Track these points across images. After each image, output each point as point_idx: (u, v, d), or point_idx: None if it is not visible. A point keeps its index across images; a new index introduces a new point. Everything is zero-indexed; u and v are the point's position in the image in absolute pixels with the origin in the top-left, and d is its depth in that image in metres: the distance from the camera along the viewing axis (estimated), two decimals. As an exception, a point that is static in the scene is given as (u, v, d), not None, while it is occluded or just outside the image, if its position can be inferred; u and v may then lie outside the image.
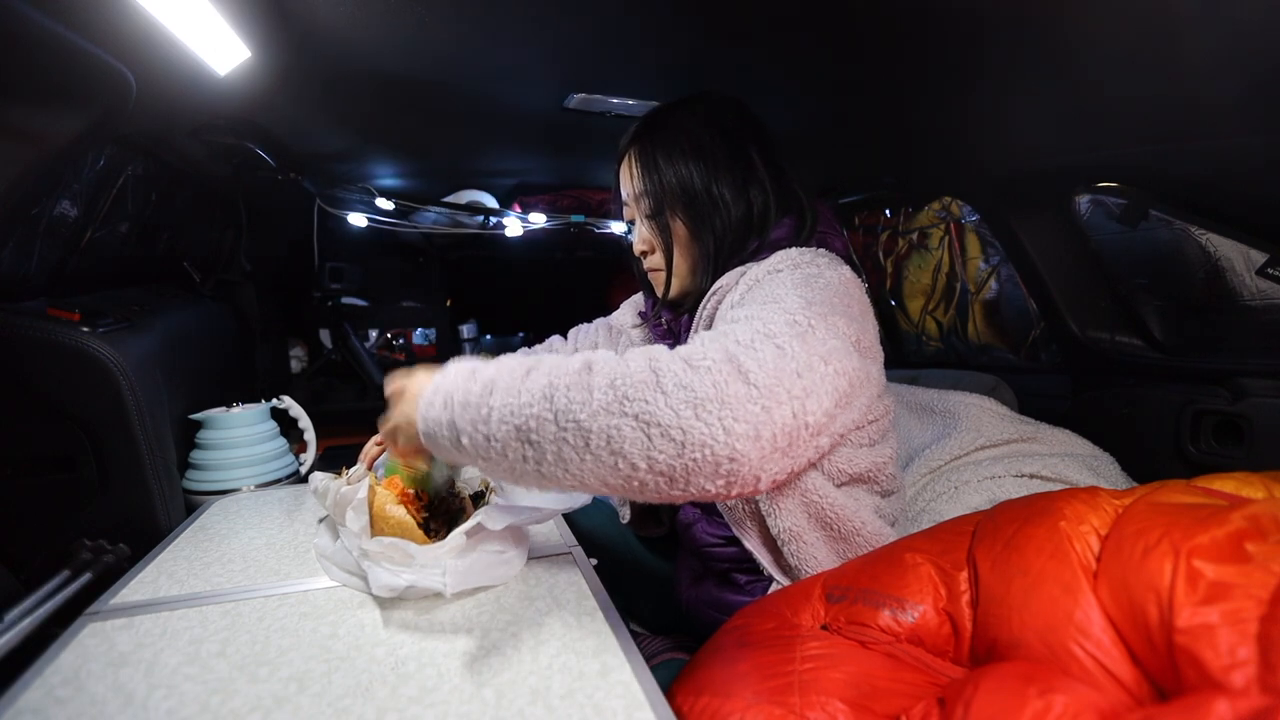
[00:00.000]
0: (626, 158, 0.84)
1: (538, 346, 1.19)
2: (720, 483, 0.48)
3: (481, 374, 0.53)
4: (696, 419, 0.46)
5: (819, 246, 0.77)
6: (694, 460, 0.46)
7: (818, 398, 0.52)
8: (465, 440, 0.51)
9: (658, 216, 0.81)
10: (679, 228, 0.80)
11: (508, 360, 0.54)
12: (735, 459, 0.47)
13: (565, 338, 1.18)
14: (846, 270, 0.72)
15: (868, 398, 0.67)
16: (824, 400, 0.53)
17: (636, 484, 0.48)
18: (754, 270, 0.71)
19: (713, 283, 0.77)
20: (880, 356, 0.72)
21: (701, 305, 0.77)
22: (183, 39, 0.77)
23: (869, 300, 0.73)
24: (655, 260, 0.84)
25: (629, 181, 0.83)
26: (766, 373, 0.50)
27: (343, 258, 1.94)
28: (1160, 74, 0.77)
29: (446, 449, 0.53)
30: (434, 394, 0.54)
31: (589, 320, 1.15)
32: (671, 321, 0.88)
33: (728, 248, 0.78)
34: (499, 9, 0.80)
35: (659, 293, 0.86)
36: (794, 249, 0.74)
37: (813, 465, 0.71)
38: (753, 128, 0.82)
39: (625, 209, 0.87)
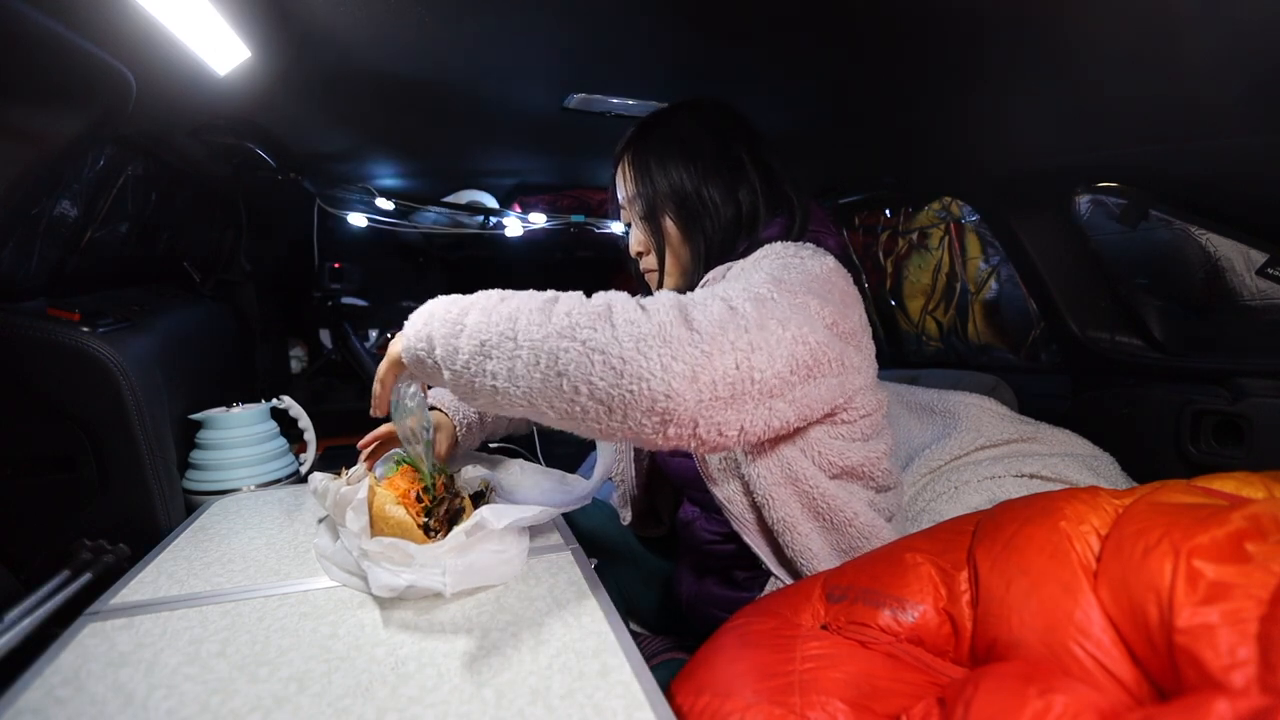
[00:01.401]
0: (621, 163, 0.86)
1: None
2: (655, 419, 0.50)
3: (461, 301, 0.57)
4: (638, 352, 0.49)
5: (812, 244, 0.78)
6: (631, 391, 0.49)
7: (766, 355, 0.54)
8: (439, 351, 0.56)
9: (651, 219, 0.83)
10: (671, 229, 0.82)
11: (488, 291, 0.58)
12: (670, 396, 0.49)
13: None
14: (830, 260, 0.73)
15: (851, 385, 0.69)
16: (775, 361, 0.55)
17: (579, 410, 0.51)
18: (739, 264, 0.74)
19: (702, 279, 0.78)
20: (868, 348, 0.73)
21: None
22: (183, 39, 0.77)
23: (856, 292, 0.74)
24: (650, 261, 0.86)
25: (623, 185, 0.86)
26: (711, 321, 0.53)
27: (343, 258, 1.94)
28: (1160, 74, 0.77)
29: (422, 362, 0.58)
30: (418, 314, 0.59)
31: None
32: None
33: (718, 248, 0.81)
34: (499, 9, 0.80)
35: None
36: (779, 243, 0.75)
37: (789, 441, 0.72)
38: (743, 130, 0.84)
39: (622, 212, 0.89)
